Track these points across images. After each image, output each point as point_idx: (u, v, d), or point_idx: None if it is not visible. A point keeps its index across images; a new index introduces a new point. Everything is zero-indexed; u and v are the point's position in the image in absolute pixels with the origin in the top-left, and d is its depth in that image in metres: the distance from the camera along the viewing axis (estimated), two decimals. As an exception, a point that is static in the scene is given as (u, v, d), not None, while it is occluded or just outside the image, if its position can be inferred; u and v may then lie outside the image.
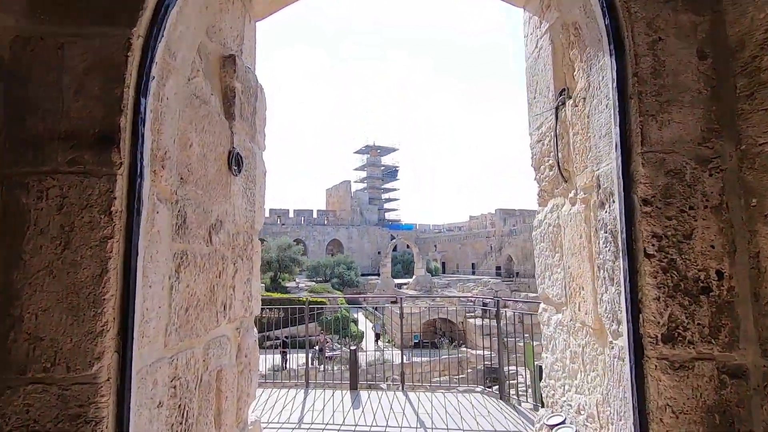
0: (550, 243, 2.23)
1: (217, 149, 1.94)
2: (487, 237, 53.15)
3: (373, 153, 70.75)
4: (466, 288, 30.24)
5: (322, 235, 57.63)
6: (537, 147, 2.44)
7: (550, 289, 2.24)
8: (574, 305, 1.94)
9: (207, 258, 1.83)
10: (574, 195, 1.95)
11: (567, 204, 2.03)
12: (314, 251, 54.92)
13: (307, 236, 56.20)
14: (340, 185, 65.79)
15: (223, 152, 2.00)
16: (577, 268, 1.90)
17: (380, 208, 70.21)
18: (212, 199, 1.90)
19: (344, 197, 63.74)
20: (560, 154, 2.05)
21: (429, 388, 5.31)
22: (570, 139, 1.97)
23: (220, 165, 1.98)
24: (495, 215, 53.35)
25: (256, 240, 2.45)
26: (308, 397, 4.51)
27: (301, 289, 30.08)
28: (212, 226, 1.87)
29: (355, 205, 63.13)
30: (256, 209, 2.44)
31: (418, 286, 36.17)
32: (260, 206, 2.52)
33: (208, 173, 1.86)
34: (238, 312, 2.17)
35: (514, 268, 46.62)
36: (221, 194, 1.98)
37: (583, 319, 1.83)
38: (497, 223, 51.30)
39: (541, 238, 2.38)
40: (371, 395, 4.58)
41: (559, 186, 2.14)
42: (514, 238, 47.04)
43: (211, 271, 1.87)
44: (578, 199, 1.89)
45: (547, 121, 2.23)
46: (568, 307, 2.01)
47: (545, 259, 2.32)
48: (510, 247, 47.52)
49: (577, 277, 1.89)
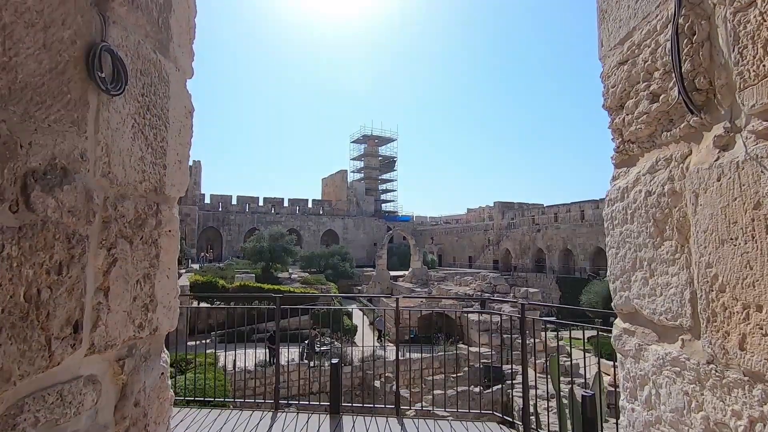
0: (651, 223, 1.34)
1: (50, 31, 1.01)
2: (485, 230, 52.40)
3: (371, 143, 69.57)
4: (464, 281, 29.48)
5: (317, 226, 56.69)
6: (619, 72, 1.53)
7: (648, 301, 1.35)
8: (717, 336, 1.05)
9: (17, 236, 0.92)
10: (725, 132, 1.05)
11: (703, 152, 1.13)
12: (309, 242, 54.01)
13: (301, 226, 55.24)
14: (336, 175, 64.70)
15: (71, 43, 1.07)
16: (731, 266, 1.01)
17: (377, 199, 69.26)
18: (36, 123, 0.98)
19: (340, 187, 62.69)
20: (688, 64, 1.14)
21: (431, 415, 4.42)
22: (720, 28, 1.07)
23: (63, 65, 1.05)
24: (493, 208, 52.56)
25: (169, 212, 1.54)
26: (275, 425, 3.63)
27: (294, 280, 29.21)
28: (32, 175, 0.96)
29: (351, 195, 62.11)
30: (168, 163, 1.52)
31: (414, 279, 35.40)
32: (179, 161, 1.60)
33: (22, 70, 0.94)
34: (118, 333, 1.26)
35: (511, 261, 45.95)
36: (65, 119, 1.06)
37: (750, 365, 0.94)
38: (496, 216, 50.52)
39: (625, 216, 1.48)
40: (356, 424, 3.70)
41: (675, 125, 1.24)
42: (513, 232, 46.30)
43: (29, 261, 0.96)
44: (743, 137, 0.99)
45: (652, 18, 1.32)
46: (701, 338, 1.12)
47: (635, 250, 1.42)
48: (508, 240, 46.81)
49: (733, 285, 1.00)
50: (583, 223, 37.84)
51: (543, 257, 42.25)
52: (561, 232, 39.65)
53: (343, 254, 42.60)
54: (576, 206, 39.68)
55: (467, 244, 55.46)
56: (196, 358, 14.48)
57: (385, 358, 17.18)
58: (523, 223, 45.86)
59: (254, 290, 21.73)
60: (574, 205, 40.03)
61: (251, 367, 15.36)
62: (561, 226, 39.86)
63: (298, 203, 57.87)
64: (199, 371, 13.31)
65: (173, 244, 1.55)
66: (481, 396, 14.12)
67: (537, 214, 44.78)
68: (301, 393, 15.97)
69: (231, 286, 21.44)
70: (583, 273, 36.31)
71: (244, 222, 52.08)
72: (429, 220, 77.13)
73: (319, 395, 16.64)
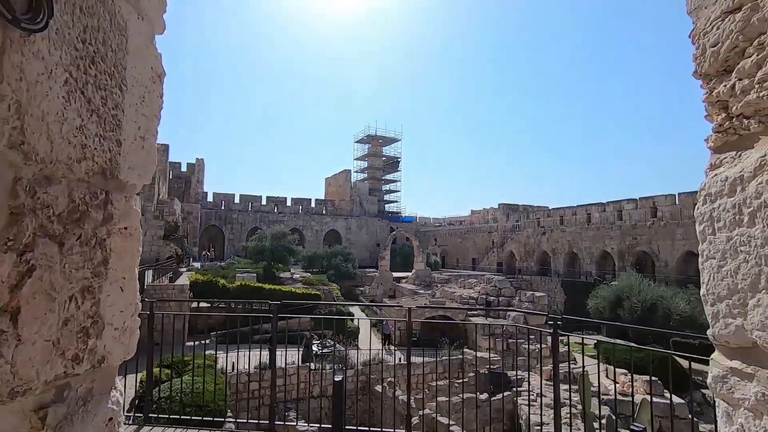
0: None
1: None
2: (489, 232, 51.90)
3: (375, 143, 69.22)
4: (468, 284, 29.04)
5: (320, 225, 56.36)
6: (726, 24, 1.15)
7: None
8: None
9: None
10: None
11: None
12: (311, 242, 53.68)
13: (304, 226, 54.93)
14: (339, 174, 64.36)
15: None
16: None
17: (380, 200, 68.89)
18: None
19: (344, 187, 62.35)
20: None
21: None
22: None
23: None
24: (498, 210, 52.05)
25: (124, 204, 1.16)
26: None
27: (296, 280, 28.87)
28: None
29: (354, 195, 61.76)
30: (125, 138, 1.15)
31: (417, 281, 34.97)
32: (141, 137, 1.22)
33: None
34: (35, 372, 0.89)
35: (516, 264, 45.43)
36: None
37: None
38: (500, 218, 50.01)
39: (739, 217, 1.10)
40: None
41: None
42: (517, 234, 45.79)
43: None
44: None
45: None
46: None
47: (756, 264, 1.04)
48: (512, 243, 46.30)
49: None
50: (589, 226, 37.30)
51: (548, 260, 41.73)
52: (566, 235, 39.12)
53: (346, 254, 42.22)
54: (582, 209, 39.14)
55: (471, 246, 54.96)
56: (194, 360, 14.14)
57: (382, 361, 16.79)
58: (528, 226, 45.35)
59: (254, 290, 21.38)
60: (580, 208, 39.48)
61: (251, 370, 15.02)
62: (567, 229, 39.33)
63: (301, 203, 57.55)
64: (197, 374, 12.97)
65: (131, 247, 1.18)
66: (488, 404, 13.69)
67: (542, 216, 44.25)
68: (301, 397, 15.60)
69: (232, 285, 21.12)
70: (589, 277, 35.77)
71: (247, 221, 51.81)
72: (432, 221, 76.69)
73: (320, 400, 16.27)
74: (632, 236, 32.83)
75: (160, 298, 17.79)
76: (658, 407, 14.04)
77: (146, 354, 7.24)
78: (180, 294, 18.12)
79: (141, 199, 18.96)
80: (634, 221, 33.40)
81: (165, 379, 13.23)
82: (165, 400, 10.66)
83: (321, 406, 15.65)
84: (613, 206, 35.92)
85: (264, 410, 15.90)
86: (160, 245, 32.23)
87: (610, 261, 35.36)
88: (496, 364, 16.12)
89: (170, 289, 18.04)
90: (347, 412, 16.69)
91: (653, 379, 15.57)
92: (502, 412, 13.12)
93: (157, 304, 19.60)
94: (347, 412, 16.60)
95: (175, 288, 18.23)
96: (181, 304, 18.30)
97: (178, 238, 33.35)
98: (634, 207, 34.15)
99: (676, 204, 31.04)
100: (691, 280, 29.60)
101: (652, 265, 31.74)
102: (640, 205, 33.78)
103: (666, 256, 30.15)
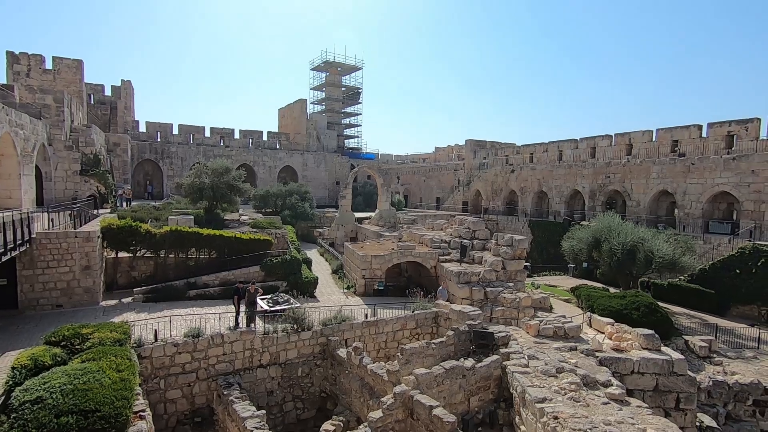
0: None
1: None
2: (455, 170, 49.54)
3: (333, 71, 62.68)
4: (437, 225, 26.73)
5: (274, 161, 51.45)
6: None
7: None
8: None
9: None
10: None
11: None
12: (264, 179, 49.10)
13: (255, 161, 49.83)
14: (294, 105, 58.27)
15: None
16: None
17: (340, 135, 63.97)
18: None
19: (299, 119, 56.72)
20: None
21: None
22: None
23: None
24: (464, 146, 49.34)
25: None
26: None
27: (243, 223, 25.20)
28: None
29: (311, 128, 56.51)
30: None
31: (381, 222, 32.31)
32: None
33: None
34: None
35: (482, 203, 43.82)
36: None
37: None
38: (466, 155, 47.46)
39: None
40: None
41: None
42: (485, 172, 43.70)
43: None
44: None
45: None
46: None
47: None
48: (479, 181, 44.30)
49: None
50: (560, 164, 35.58)
51: (515, 200, 40.28)
52: (536, 174, 37.38)
53: (303, 193, 38.55)
54: (554, 145, 37.18)
55: (435, 184, 52.70)
56: (99, 332, 10.73)
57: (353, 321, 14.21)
58: (496, 163, 43.24)
59: (188, 236, 17.67)
60: (551, 144, 37.50)
61: (181, 338, 11.89)
62: (537, 167, 37.50)
63: (251, 135, 51.82)
64: (94, 356, 9.66)
65: None
66: (473, 372, 11.61)
67: (511, 153, 42.11)
68: (247, 367, 12.88)
69: (159, 231, 17.24)
70: (557, 217, 34.70)
71: (188, 155, 45.96)
72: (395, 158, 73.29)
73: (268, 368, 13.28)
74: (605, 174, 31.41)
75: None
76: (656, 364, 12.75)
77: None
78: (85, 243, 14.17)
79: (46, 125, 12.63)
80: (608, 159, 31.85)
81: (49, 364, 9.83)
82: (29, 407, 7.41)
83: (271, 375, 13.07)
84: (586, 143, 34.10)
85: (199, 386, 13.06)
86: (76, 182, 26.92)
87: (580, 200, 34.22)
88: (475, 319, 14.11)
89: (71, 237, 14.01)
90: (304, 381, 14.24)
91: (649, 333, 14.23)
92: (490, 379, 11.13)
93: (55, 256, 14.05)
94: (304, 380, 14.15)
95: (78, 236, 14.20)
96: (90, 256, 14.45)
97: (100, 174, 28.04)
98: (609, 144, 32.47)
99: (653, 141, 29.54)
100: (660, 220, 29.03)
101: (623, 204, 30.78)
102: (615, 141, 32.11)
103: (639, 195, 29.07)
